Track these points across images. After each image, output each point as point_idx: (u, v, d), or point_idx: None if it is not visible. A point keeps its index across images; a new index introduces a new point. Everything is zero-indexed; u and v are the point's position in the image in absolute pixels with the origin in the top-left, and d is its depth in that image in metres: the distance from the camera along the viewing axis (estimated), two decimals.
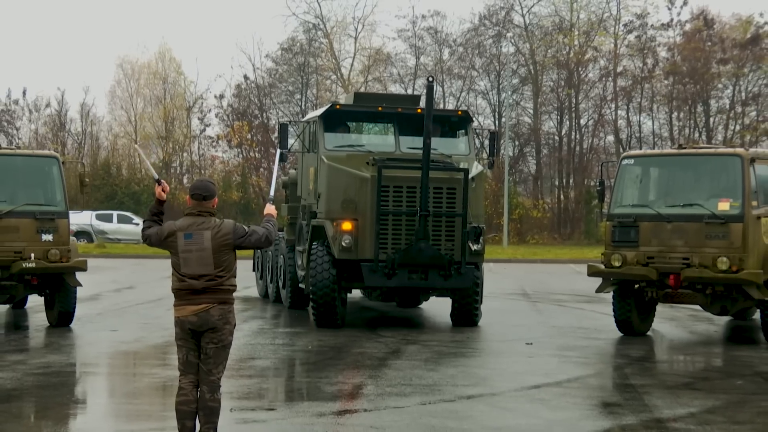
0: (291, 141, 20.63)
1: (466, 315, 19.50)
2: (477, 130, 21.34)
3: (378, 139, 21.56)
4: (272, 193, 10.16)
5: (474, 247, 18.84)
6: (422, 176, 17.91)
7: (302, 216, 20.82)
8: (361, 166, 18.84)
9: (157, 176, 9.65)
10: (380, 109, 20.14)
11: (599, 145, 65.17)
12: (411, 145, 19.53)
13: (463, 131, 20.39)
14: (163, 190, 9.22)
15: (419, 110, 19.72)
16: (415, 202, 18.29)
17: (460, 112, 21.22)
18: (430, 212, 18.23)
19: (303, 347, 16.70)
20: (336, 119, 20.11)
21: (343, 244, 18.36)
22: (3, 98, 67.77)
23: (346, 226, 18.46)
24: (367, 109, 20.66)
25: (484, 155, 20.98)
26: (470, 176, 18.87)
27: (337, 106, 20.30)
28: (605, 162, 25.66)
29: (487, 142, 20.70)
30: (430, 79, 18.46)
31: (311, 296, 18.66)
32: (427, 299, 22.11)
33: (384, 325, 20.32)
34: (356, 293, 22.44)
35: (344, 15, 76.41)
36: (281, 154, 19.97)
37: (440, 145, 19.62)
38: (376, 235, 18.31)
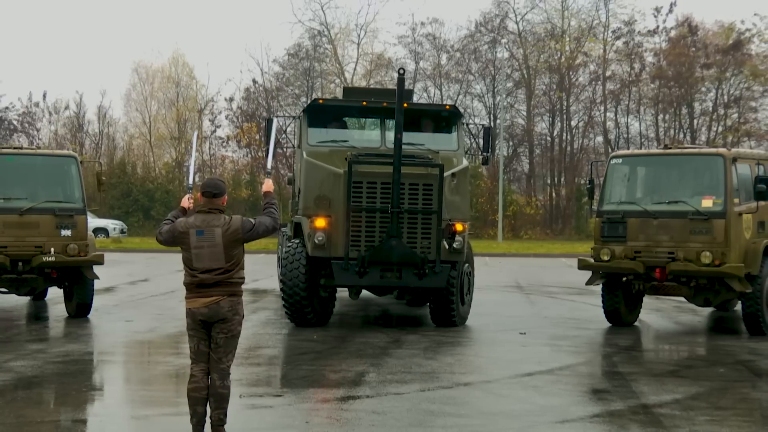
0: (280, 136, 19.38)
1: (444, 315, 18.02)
2: (469, 125, 19.87)
3: (364, 135, 19.99)
4: (269, 165, 10.02)
5: (453, 245, 17.34)
6: (393, 172, 16.49)
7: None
8: (339, 161, 17.42)
9: (191, 186, 9.70)
10: (365, 103, 18.58)
11: (589, 145, 65.20)
12: None
13: (452, 126, 18.80)
14: (189, 199, 9.30)
15: (405, 105, 17.77)
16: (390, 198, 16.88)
17: (448, 107, 19.27)
18: (402, 209, 16.85)
19: (308, 337, 16.68)
20: (320, 114, 18.60)
21: (316, 241, 17.09)
22: (24, 101, 67.91)
23: (320, 222, 17.16)
24: (351, 104, 19.00)
25: (477, 151, 19.62)
26: (451, 172, 17.47)
27: (320, 101, 19.02)
28: (595, 161, 25.63)
29: (481, 139, 19.29)
30: (401, 71, 16.95)
31: (281, 292, 17.73)
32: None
33: (386, 317, 20.31)
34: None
35: (347, 22, 76.13)
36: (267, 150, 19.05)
37: (428, 141, 18.48)
38: (346, 233, 16.97)
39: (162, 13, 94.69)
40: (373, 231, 17.12)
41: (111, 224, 53.64)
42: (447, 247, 17.28)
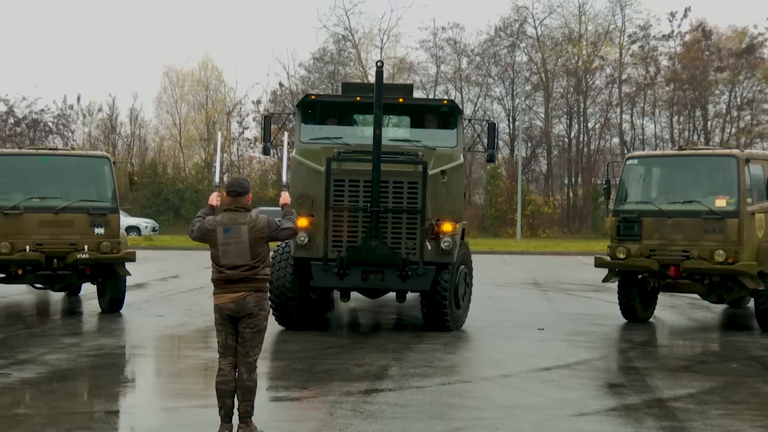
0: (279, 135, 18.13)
1: (436, 319, 16.54)
2: (472, 121, 18.69)
3: (359, 131, 18.11)
4: (285, 179, 10.09)
5: (441, 246, 15.97)
6: (373, 170, 15.33)
7: None
8: (324, 159, 16.15)
9: (218, 185, 9.76)
10: (359, 99, 17.05)
11: (605, 146, 65.03)
12: (394, 136, 17.33)
13: (451, 122, 17.29)
14: (216, 197, 9.35)
15: (401, 99, 17.12)
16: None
17: (446, 101, 17.60)
18: (382, 208, 15.64)
19: (332, 332, 16.68)
20: (314, 111, 17.43)
21: (298, 241, 15.91)
22: (59, 103, 68.23)
23: (302, 222, 15.80)
24: (344, 100, 17.66)
25: (491, 147, 18.18)
26: (440, 169, 16.25)
27: (312, 97, 17.49)
28: (611, 162, 25.60)
29: (485, 136, 17.90)
30: (380, 64, 15.62)
31: (269, 294, 16.75)
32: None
33: (408, 315, 20.27)
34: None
35: (371, 27, 76.45)
36: (264, 147, 17.75)
37: (425, 137, 17.20)
38: (324, 233, 15.83)
39: (192, 19, 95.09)
40: (355, 231, 15.95)
41: (143, 222, 53.81)
42: (429, 248, 15.96)
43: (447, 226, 16.21)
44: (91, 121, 68.38)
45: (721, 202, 17.05)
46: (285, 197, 9.48)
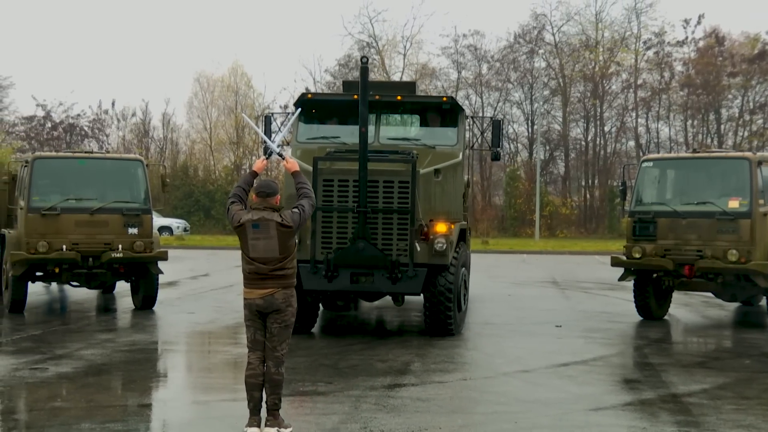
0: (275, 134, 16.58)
1: (438, 323, 15.48)
2: (475, 119, 17.54)
3: (357, 130, 15.44)
4: (278, 142, 9.93)
5: (435, 248, 14.90)
6: (359, 169, 14.47)
7: None
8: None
9: (278, 150, 9.64)
10: (356, 97, 15.30)
11: (621, 149, 64.85)
12: (393, 135, 16.45)
13: (452, 120, 16.31)
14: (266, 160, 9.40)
15: (399, 97, 16.24)
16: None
17: (445, 99, 16.43)
18: (369, 208, 14.70)
19: (356, 329, 16.67)
20: (311, 109, 16.60)
21: None
22: (94, 108, 68.58)
23: None
24: (342, 98, 16.60)
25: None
26: (433, 168, 15.37)
27: (309, 96, 16.64)
28: (627, 164, 25.45)
29: (490, 133, 16.81)
30: (364, 60, 14.60)
31: None
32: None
33: None
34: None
35: (394, 34, 75.94)
36: (265, 148, 17.23)
37: (425, 135, 16.36)
38: (312, 234, 14.93)
39: (222, 26, 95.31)
40: (345, 232, 14.97)
41: (175, 223, 53.98)
42: (419, 249, 14.88)
43: (441, 227, 15.19)
44: (125, 125, 68.79)
45: (734, 204, 16.97)
46: (292, 163, 9.37)
